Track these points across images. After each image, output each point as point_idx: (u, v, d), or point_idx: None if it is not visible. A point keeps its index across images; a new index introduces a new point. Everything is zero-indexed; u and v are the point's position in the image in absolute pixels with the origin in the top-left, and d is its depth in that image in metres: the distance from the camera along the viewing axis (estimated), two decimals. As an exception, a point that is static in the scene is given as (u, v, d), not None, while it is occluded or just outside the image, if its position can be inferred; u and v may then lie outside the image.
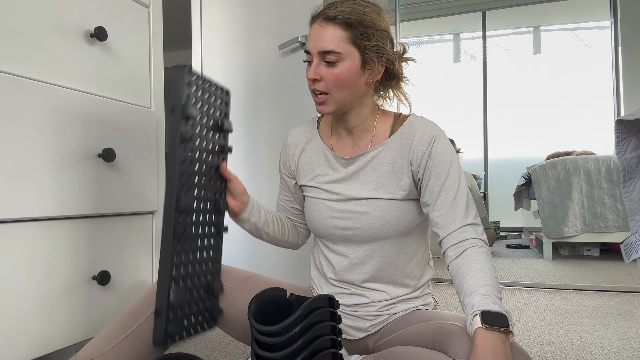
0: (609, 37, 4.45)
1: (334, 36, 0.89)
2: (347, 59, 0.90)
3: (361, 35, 0.89)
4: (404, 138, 0.97)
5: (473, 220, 0.92)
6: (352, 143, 1.01)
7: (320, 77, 0.91)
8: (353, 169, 0.99)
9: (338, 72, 0.90)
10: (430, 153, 0.94)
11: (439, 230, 0.93)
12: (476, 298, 0.80)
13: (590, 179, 3.00)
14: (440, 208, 0.92)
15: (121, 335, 0.86)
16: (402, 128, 0.98)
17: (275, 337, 0.73)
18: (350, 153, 1.01)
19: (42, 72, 0.96)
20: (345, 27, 0.89)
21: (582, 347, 1.36)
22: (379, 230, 0.95)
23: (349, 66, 0.90)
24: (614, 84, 4.27)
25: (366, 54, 0.91)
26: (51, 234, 0.97)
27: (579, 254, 3.32)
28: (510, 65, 4.93)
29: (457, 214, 0.91)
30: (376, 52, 0.92)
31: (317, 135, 1.06)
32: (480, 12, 4.95)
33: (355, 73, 0.91)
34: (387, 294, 0.99)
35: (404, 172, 0.96)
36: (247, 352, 1.33)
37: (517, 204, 3.71)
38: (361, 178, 0.98)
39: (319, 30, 0.91)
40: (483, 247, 0.90)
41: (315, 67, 0.91)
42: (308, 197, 1.05)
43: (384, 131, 1.00)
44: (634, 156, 0.79)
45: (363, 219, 0.96)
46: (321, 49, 0.90)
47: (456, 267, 0.89)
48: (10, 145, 0.88)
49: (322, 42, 0.90)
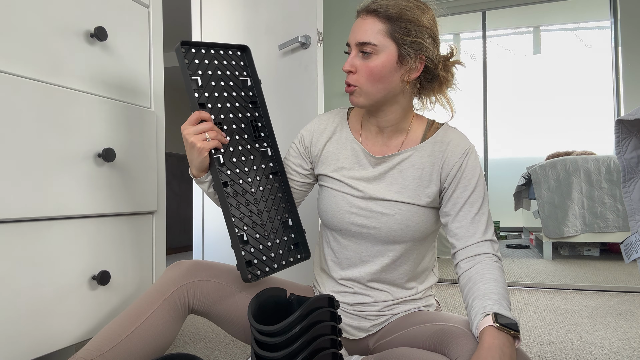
0: (609, 37, 4.45)
1: (372, 28, 0.89)
2: (383, 52, 0.89)
3: (400, 30, 0.88)
4: (437, 146, 0.96)
5: (491, 237, 0.92)
6: (381, 142, 1.00)
7: (355, 70, 0.91)
8: (381, 169, 0.98)
9: (373, 65, 0.89)
10: (461, 165, 0.94)
11: (456, 242, 0.92)
12: (488, 301, 0.80)
13: (590, 179, 3.00)
14: (461, 220, 0.92)
15: (121, 336, 0.86)
16: (436, 135, 0.97)
17: (275, 337, 0.73)
18: (379, 152, 1.00)
19: (42, 72, 0.96)
20: (385, 20, 0.89)
21: (582, 347, 1.36)
22: (397, 233, 0.95)
23: (384, 60, 0.89)
24: (614, 84, 4.26)
25: (404, 48, 0.89)
26: (51, 234, 0.97)
27: (579, 254, 3.32)
28: (510, 65, 4.93)
29: (478, 229, 0.92)
30: (415, 48, 0.90)
31: (347, 126, 1.04)
32: (480, 12, 4.95)
33: (391, 67, 0.90)
34: (390, 295, 0.99)
35: (432, 179, 0.95)
36: (247, 352, 1.33)
37: (517, 204, 3.71)
38: (387, 179, 0.97)
39: (360, 23, 0.91)
40: (498, 262, 0.90)
41: (352, 58, 0.91)
42: (327, 187, 1.03)
43: (416, 136, 0.99)
44: (634, 156, 0.79)
45: (383, 220, 0.95)
46: (359, 40, 0.90)
47: (468, 275, 0.89)
48: (10, 145, 0.88)
49: (361, 33, 0.90)
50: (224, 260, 2.24)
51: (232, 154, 0.96)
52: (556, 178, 3.06)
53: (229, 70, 1.00)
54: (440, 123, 1.01)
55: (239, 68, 1.02)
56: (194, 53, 0.96)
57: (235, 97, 1.00)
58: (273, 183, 1.01)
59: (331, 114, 1.08)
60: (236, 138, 0.98)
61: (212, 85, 0.96)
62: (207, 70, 0.97)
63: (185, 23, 4.72)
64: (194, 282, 0.95)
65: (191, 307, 0.95)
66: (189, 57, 0.95)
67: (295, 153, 1.08)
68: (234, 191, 0.94)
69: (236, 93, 1.00)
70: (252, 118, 1.01)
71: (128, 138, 1.16)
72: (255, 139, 1.01)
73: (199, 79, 0.95)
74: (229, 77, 1.00)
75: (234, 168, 0.96)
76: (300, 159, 1.07)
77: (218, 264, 1.02)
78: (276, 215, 1.00)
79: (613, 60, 4.26)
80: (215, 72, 0.98)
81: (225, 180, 0.94)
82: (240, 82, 1.02)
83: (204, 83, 0.95)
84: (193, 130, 0.90)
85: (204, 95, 0.95)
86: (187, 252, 3.67)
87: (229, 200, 0.93)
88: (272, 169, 1.02)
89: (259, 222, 0.96)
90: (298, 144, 1.08)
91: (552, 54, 4.83)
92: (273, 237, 0.98)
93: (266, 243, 0.96)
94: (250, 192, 0.97)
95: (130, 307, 0.92)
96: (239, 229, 0.93)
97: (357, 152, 1.01)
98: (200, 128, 0.90)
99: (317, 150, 1.05)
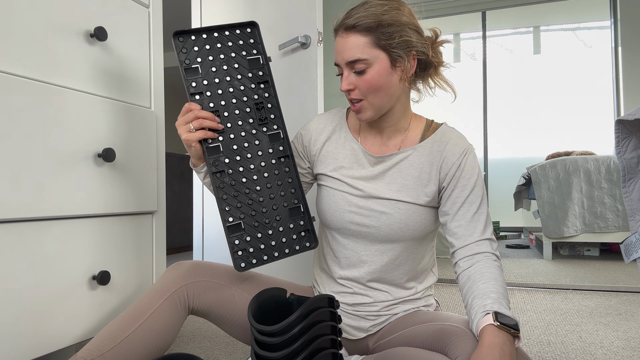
0: (609, 37, 4.45)
1: (356, 44, 0.89)
2: (375, 63, 0.89)
3: (384, 36, 0.89)
4: (436, 146, 0.97)
5: (490, 236, 0.93)
6: (381, 141, 1.01)
7: (353, 87, 0.92)
8: (380, 169, 0.98)
9: (369, 78, 0.90)
10: (460, 164, 0.94)
11: (455, 241, 0.93)
12: (488, 300, 0.80)
13: (590, 179, 3.00)
14: (460, 219, 0.93)
15: (121, 336, 0.86)
16: (435, 135, 0.98)
17: (275, 337, 0.73)
18: (378, 151, 1.00)
19: (42, 72, 0.96)
20: (366, 32, 0.88)
21: (582, 347, 1.36)
22: (396, 232, 0.95)
23: (378, 69, 0.89)
24: (613, 84, 4.27)
25: (393, 52, 0.90)
26: (51, 234, 0.97)
27: (579, 254, 3.32)
28: (510, 65, 4.93)
29: (477, 228, 0.92)
30: (403, 47, 0.90)
31: (346, 126, 1.05)
32: (480, 12, 4.95)
33: (386, 74, 0.90)
34: (389, 295, 0.99)
35: (431, 179, 0.96)
36: (247, 352, 1.33)
37: (517, 204, 3.71)
38: (386, 178, 0.98)
39: (342, 42, 0.91)
40: (497, 261, 0.90)
41: (347, 77, 0.91)
42: (325, 186, 1.03)
43: (415, 135, 0.99)
44: (634, 156, 0.79)
45: (382, 218, 0.96)
46: (348, 59, 0.90)
47: (467, 274, 0.89)
48: (10, 145, 0.88)
49: (347, 52, 0.90)
50: (225, 260, 2.24)
51: (233, 141, 0.95)
52: (556, 178, 3.06)
53: (235, 52, 0.98)
54: (439, 123, 1.02)
55: (247, 47, 0.99)
56: (194, 40, 0.95)
57: (241, 80, 0.97)
58: (282, 167, 0.98)
59: (330, 113, 1.08)
60: (239, 124, 0.96)
61: (213, 71, 0.95)
62: (208, 55, 0.95)
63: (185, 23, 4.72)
64: (194, 283, 0.95)
65: (191, 308, 0.95)
66: (188, 45, 0.94)
67: (293, 152, 1.08)
68: (232, 179, 0.94)
69: (242, 75, 0.98)
70: (260, 100, 0.98)
71: (128, 138, 1.16)
72: (262, 122, 0.98)
73: (199, 67, 0.94)
74: (234, 59, 0.98)
75: (234, 155, 0.95)
76: (299, 158, 1.08)
77: (218, 265, 1.02)
78: (282, 201, 0.97)
79: (613, 60, 4.26)
80: (217, 56, 0.96)
81: (223, 169, 0.93)
82: (248, 63, 0.99)
83: (203, 71, 0.95)
84: (180, 122, 0.91)
85: (202, 83, 0.94)
86: (187, 252, 3.67)
87: (225, 189, 0.93)
88: (282, 153, 0.98)
89: (260, 209, 0.95)
90: (296, 142, 1.09)
91: (552, 54, 4.83)
92: (276, 225, 0.96)
93: (266, 231, 0.95)
94: (252, 179, 0.95)
95: (130, 307, 0.92)
96: (233, 217, 0.92)
97: (356, 151, 1.01)
98: (184, 119, 0.90)
99: (316, 149, 1.05)
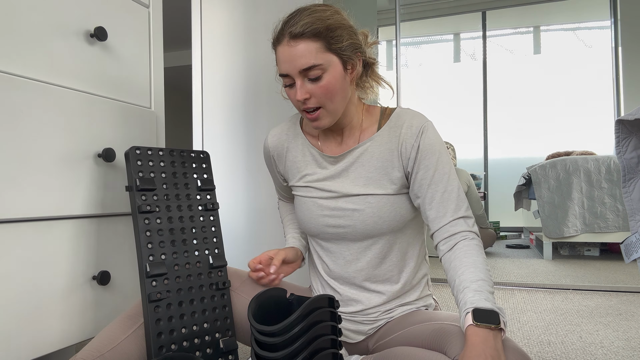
0: (609, 37, 4.45)
1: (308, 50, 0.86)
2: (329, 68, 0.88)
3: (333, 40, 0.88)
4: (392, 131, 0.96)
5: (464, 213, 0.92)
6: (340, 141, 1.00)
7: (309, 95, 0.89)
8: (342, 166, 0.98)
9: (325, 84, 0.88)
10: (418, 146, 0.93)
11: (430, 224, 0.93)
12: (468, 295, 0.80)
13: (590, 179, 3.00)
14: (430, 201, 0.92)
15: (121, 336, 0.86)
16: (390, 121, 0.97)
17: (275, 337, 0.73)
18: (339, 151, 1.00)
19: (42, 72, 0.96)
20: (315, 38, 0.87)
21: (582, 347, 1.36)
22: (372, 227, 0.95)
23: (334, 73, 0.89)
24: (614, 84, 4.27)
25: (344, 55, 0.90)
26: (51, 234, 0.97)
27: (579, 254, 3.32)
28: (510, 65, 4.93)
29: (448, 207, 0.91)
30: (352, 49, 0.91)
31: (301, 133, 1.05)
32: (480, 12, 4.95)
33: (341, 77, 0.90)
34: (383, 295, 0.98)
35: (394, 165, 0.95)
36: (247, 352, 1.33)
37: (517, 204, 3.71)
38: (351, 175, 0.97)
39: (289, 51, 0.87)
40: (475, 239, 0.90)
41: (301, 86, 0.89)
42: (298, 196, 1.04)
43: (371, 126, 0.99)
44: (634, 156, 0.79)
45: (355, 216, 0.95)
46: (301, 67, 0.87)
47: (448, 260, 0.89)
48: (10, 145, 0.88)
49: (300, 60, 0.87)
50: (224, 260, 2.24)
51: None
52: (556, 178, 3.06)
53: None
54: (392, 108, 1.01)
55: None
56: None
57: None
58: None
59: (284, 125, 1.08)
60: None
61: None
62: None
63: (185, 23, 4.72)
64: (193, 282, 0.95)
65: (191, 307, 0.95)
66: None
67: (272, 173, 1.12)
68: None
69: None
70: None
71: (128, 138, 1.16)
72: None
73: None
74: None
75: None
76: (278, 174, 1.11)
77: (218, 264, 1.02)
78: None
79: (613, 60, 4.26)
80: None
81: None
82: None
83: None
84: None
85: None
86: (187, 252, 3.66)
87: None
88: None
89: None
90: (268, 166, 1.12)
91: (552, 54, 4.83)
92: None
93: None
94: None
95: (130, 308, 0.92)
96: None
97: (315, 156, 1.01)
98: None
99: (282, 165, 1.07)
